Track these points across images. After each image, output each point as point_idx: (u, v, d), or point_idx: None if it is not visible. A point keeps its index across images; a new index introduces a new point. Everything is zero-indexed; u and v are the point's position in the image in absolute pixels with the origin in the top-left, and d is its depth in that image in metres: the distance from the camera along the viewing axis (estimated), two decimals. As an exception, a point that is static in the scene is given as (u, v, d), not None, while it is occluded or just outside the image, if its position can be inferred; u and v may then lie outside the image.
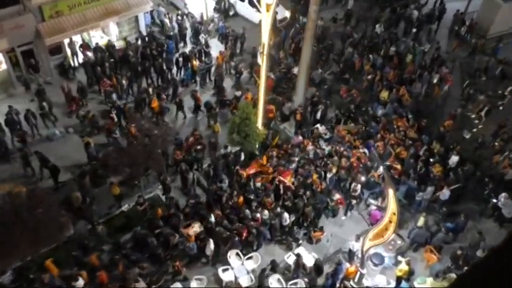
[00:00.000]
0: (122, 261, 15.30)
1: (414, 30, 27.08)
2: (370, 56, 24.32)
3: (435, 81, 23.35)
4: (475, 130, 21.76)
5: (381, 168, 18.36)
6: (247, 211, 16.86)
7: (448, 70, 23.61)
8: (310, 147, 19.53)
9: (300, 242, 17.27)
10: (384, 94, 22.43)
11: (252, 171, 18.30)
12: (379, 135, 20.25)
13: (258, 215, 16.72)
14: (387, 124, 20.70)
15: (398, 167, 18.74)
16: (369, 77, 23.31)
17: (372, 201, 18.52)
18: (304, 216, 17.32)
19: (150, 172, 18.19)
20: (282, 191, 17.77)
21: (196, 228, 16.13)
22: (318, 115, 21.20)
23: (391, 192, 17.13)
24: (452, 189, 18.03)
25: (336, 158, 18.98)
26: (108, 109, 21.08)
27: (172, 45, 24.33)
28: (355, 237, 16.67)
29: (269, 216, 16.86)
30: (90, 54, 23.11)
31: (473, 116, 22.45)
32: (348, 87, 22.75)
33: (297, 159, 18.81)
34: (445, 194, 17.97)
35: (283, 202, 17.58)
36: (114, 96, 21.81)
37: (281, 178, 17.85)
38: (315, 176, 18.08)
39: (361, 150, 19.42)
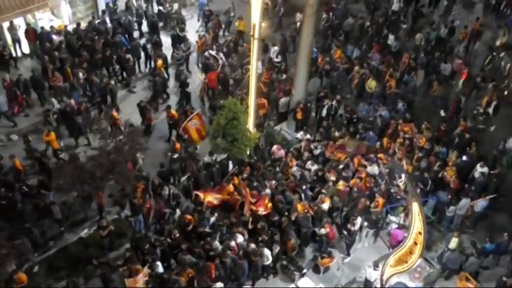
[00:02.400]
0: None
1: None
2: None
3: (447, 72, 23.13)
4: (481, 126, 21.48)
5: (403, 177, 17.86)
6: (217, 242, 15.73)
7: (461, 61, 23.32)
8: (294, 168, 18.60)
9: (304, 271, 16.70)
10: (372, 84, 22.24)
11: (213, 200, 16.94)
12: (379, 144, 19.74)
13: (233, 243, 15.76)
14: (393, 129, 20.16)
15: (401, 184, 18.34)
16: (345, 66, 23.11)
17: (392, 218, 18.03)
18: (287, 249, 16.38)
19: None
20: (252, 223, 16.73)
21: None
22: (324, 112, 20.84)
23: (415, 206, 16.30)
24: (490, 199, 17.62)
25: (330, 184, 18.12)
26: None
27: (122, 38, 23.35)
28: (373, 264, 16.09)
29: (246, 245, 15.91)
30: (55, 37, 22.76)
31: (480, 110, 21.96)
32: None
33: (273, 182, 17.81)
34: (479, 205, 17.59)
35: (256, 236, 16.35)
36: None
37: (254, 208, 16.76)
38: (299, 206, 17.05)
39: (368, 169, 18.60)
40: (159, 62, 22.37)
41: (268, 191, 17.29)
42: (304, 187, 17.73)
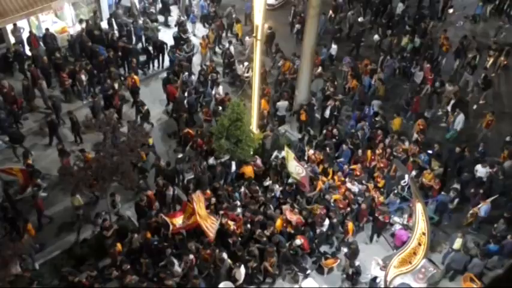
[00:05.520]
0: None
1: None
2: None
3: (419, 80, 23.11)
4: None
5: (407, 178, 17.86)
6: (176, 266, 15.27)
7: (429, 66, 23.22)
8: (267, 182, 18.19)
9: (308, 272, 16.74)
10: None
11: (179, 225, 16.10)
12: (360, 152, 19.46)
13: (191, 256, 15.49)
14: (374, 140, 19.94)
15: (381, 198, 18.18)
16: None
17: (396, 219, 18.12)
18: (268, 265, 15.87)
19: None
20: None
21: None
22: (327, 113, 20.85)
23: (419, 207, 16.37)
24: (492, 201, 17.67)
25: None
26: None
27: (100, 48, 22.80)
28: (381, 265, 16.23)
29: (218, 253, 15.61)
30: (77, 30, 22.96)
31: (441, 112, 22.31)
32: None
33: (238, 203, 17.34)
34: (482, 210, 17.64)
35: (230, 251, 16.06)
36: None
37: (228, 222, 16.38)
38: (278, 222, 16.71)
39: (348, 186, 18.40)
40: (136, 77, 21.73)
41: (239, 210, 16.95)
42: (273, 194, 17.63)
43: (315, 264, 16.98)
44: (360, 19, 26.51)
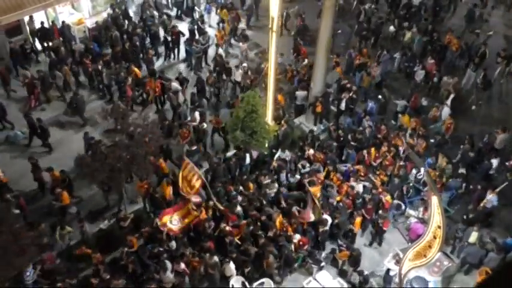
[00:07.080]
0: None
1: None
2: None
3: (419, 78, 22.69)
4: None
5: (422, 170, 17.70)
6: (168, 273, 14.81)
7: (434, 61, 22.77)
8: (266, 181, 17.66)
9: (323, 264, 16.68)
10: None
11: (174, 227, 15.68)
12: (365, 152, 18.99)
13: (183, 265, 15.14)
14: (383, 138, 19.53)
15: (388, 198, 17.80)
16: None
17: (411, 212, 17.97)
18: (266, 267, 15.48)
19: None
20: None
21: None
22: (343, 105, 20.75)
23: (435, 200, 16.22)
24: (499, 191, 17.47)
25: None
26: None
27: (95, 46, 22.72)
28: (395, 258, 16.04)
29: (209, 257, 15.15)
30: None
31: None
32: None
33: (239, 198, 16.89)
34: (490, 200, 17.46)
35: (226, 252, 15.60)
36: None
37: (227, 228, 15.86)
38: (278, 222, 16.25)
39: (352, 183, 17.97)
40: (137, 70, 21.59)
41: (239, 208, 16.65)
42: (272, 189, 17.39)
43: (328, 257, 16.93)
44: (372, 6, 26.41)
